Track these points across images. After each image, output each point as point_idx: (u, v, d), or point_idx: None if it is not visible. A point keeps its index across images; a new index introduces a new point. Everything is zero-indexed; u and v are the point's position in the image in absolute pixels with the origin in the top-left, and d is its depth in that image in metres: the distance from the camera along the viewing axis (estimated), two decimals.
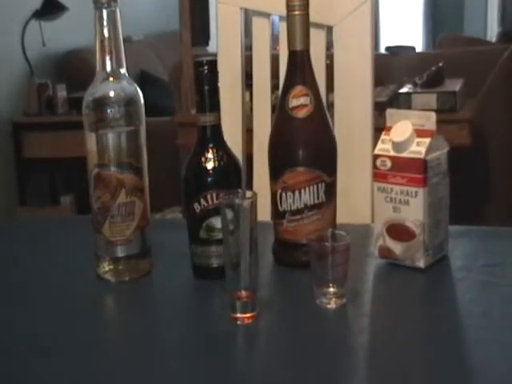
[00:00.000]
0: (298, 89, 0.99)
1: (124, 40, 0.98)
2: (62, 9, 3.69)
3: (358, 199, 1.30)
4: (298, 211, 0.99)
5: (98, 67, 0.98)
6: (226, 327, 0.86)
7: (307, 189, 0.98)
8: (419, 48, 6.23)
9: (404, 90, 2.94)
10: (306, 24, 0.99)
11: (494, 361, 0.75)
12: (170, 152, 2.98)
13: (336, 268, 0.87)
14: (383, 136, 1.00)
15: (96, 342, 0.85)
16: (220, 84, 0.97)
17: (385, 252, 1.00)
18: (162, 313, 0.93)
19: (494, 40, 5.69)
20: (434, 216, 0.97)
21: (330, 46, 1.35)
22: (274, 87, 1.32)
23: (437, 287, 0.95)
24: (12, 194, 3.64)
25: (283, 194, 0.99)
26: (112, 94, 0.98)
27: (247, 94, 1.46)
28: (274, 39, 1.41)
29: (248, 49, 1.42)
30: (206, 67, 0.95)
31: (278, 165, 1.01)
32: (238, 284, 0.85)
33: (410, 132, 0.96)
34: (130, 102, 0.98)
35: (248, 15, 1.41)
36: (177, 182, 1.29)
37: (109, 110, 0.97)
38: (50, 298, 0.97)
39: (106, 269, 1.01)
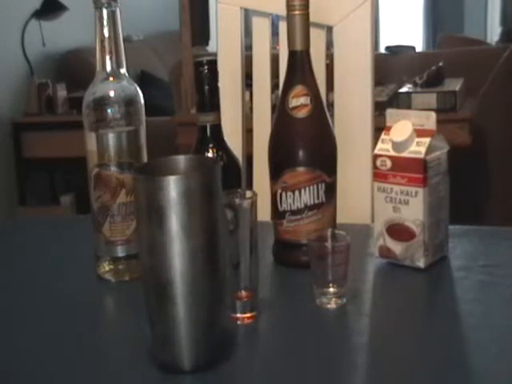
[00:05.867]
0: (298, 89, 0.99)
1: (124, 40, 0.98)
2: (61, 9, 3.69)
3: (358, 199, 1.30)
4: (298, 211, 0.99)
5: (98, 67, 0.98)
6: (226, 327, 0.86)
7: (307, 189, 0.98)
8: (419, 48, 6.23)
9: (404, 89, 2.94)
10: (306, 24, 0.99)
11: (494, 361, 0.75)
12: (170, 152, 2.96)
13: (336, 268, 0.87)
14: (383, 136, 1.00)
15: (96, 342, 0.85)
16: (220, 84, 0.97)
17: (385, 252, 1.00)
18: None
19: (495, 40, 5.70)
20: (433, 216, 0.97)
21: (329, 45, 1.35)
22: (274, 87, 1.32)
23: (437, 287, 0.95)
24: (12, 194, 3.64)
25: (283, 194, 0.99)
26: (112, 93, 0.98)
27: (247, 94, 1.46)
28: (274, 39, 1.41)
29: (248, 49, 1.42)
30: (206, 67, 0.95)
31: (278, 165, 1.01)
32: (238, 284, 0.85)
33: (410, 132, 0.96)
34: (129, 101, 0.98)
35: (248, 15, 1.41)
36: None
37: (109, 110, 0.97)
38: (50, 298, 0.97)
39: (106, 269, 1.01)
